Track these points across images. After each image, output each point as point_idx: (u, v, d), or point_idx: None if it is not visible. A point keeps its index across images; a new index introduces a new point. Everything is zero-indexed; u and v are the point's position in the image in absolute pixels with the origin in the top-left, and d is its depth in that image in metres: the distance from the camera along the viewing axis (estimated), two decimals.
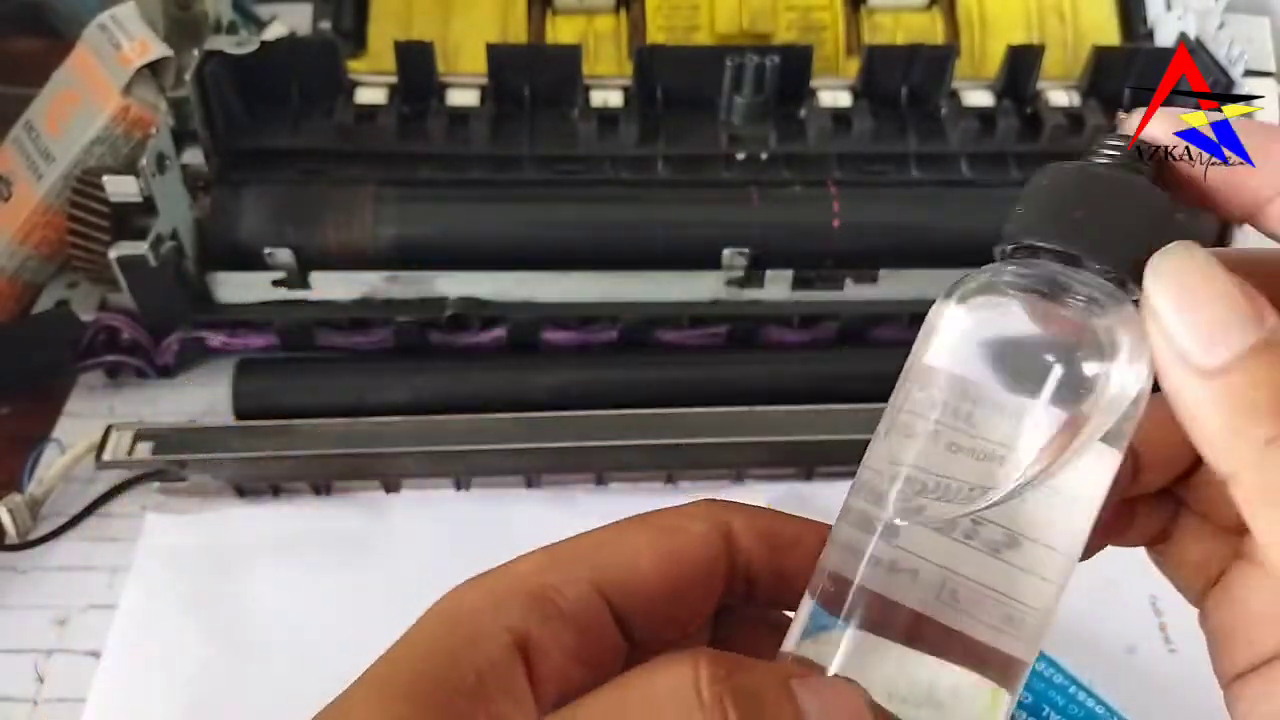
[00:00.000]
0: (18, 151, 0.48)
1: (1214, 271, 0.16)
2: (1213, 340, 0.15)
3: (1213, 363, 0.15)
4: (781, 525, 0.19)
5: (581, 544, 0.18)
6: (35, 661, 0.37)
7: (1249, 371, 0.15)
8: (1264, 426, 0.15)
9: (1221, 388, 0.15)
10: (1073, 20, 0.55)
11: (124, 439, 0.40)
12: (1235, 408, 0.15)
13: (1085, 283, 0.17)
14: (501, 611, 0.17)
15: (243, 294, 0.44)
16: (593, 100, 0.48)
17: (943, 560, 0.16)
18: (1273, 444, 0.15)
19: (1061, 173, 0.17)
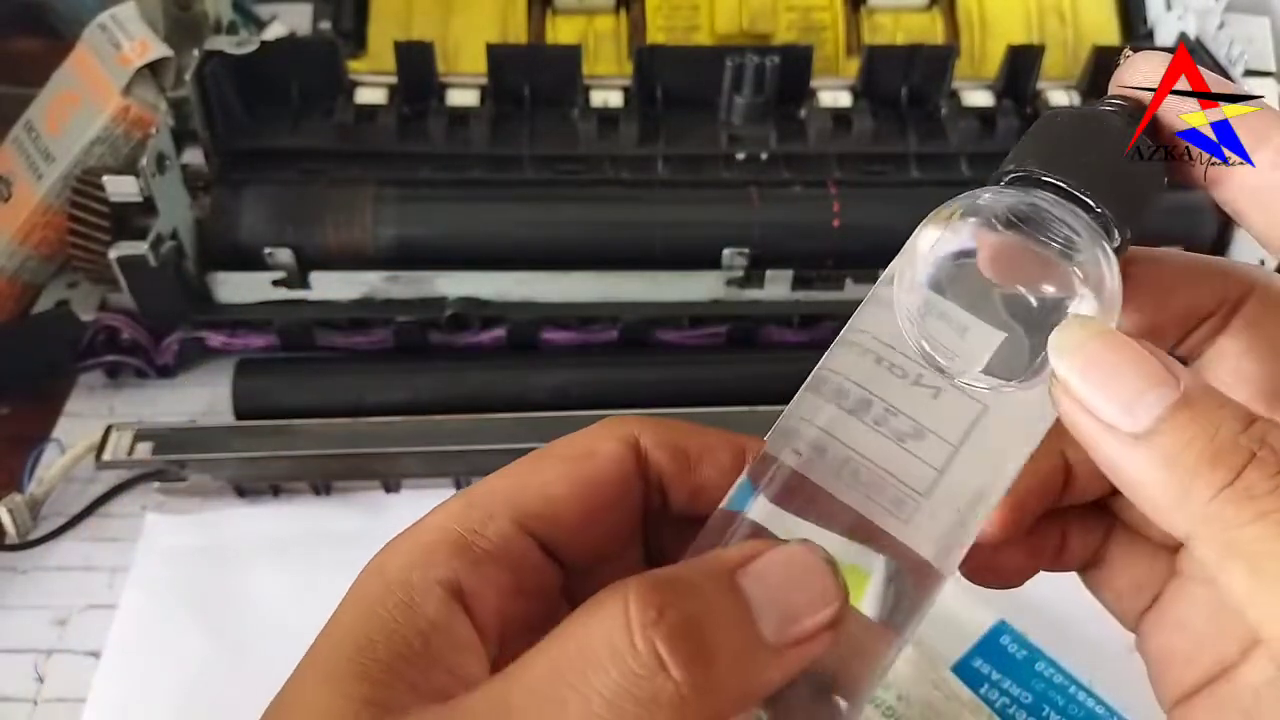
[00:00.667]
0: (18, 151, 0.48)
1: (1116, 339, 0.16)
2: (1133, 407, 0.15)
3: (1139, 428, 0.15)
4: (688, 437, 0.19)
5: (495, 484, 0.18)
6: (35, 661, 0.37)
7: (1177, 430, 0.15)
8: (1205, 482, 0.15)
9: (1153, 452, 0.15)
10: (1072, 20, 0.55)
11: (124, 439, 0.40)
12: (1172, 470, 0.15)
13: (1066, 216, 0.17)
14: (429, 567, 0.17)
15: (243, 294, 0.44)
16: (593, 100, 0.48)
17: (851, 441, 0.17)
18: (1218, 497, 0.15)
19: (1064, 114, 0.18)
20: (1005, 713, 0.35)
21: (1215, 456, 0.15)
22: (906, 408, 0.17)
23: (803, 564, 0.16)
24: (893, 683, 0.34)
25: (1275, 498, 0.14)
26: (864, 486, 0.17)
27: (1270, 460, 0.14)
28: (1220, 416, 0.15)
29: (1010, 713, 0.35)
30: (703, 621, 0.14)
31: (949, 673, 0.35)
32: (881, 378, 0.17)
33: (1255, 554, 0.14)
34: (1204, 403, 0.15)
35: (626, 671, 0.14)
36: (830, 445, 0.17)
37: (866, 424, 0.17)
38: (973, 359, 0.17)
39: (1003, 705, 0.35)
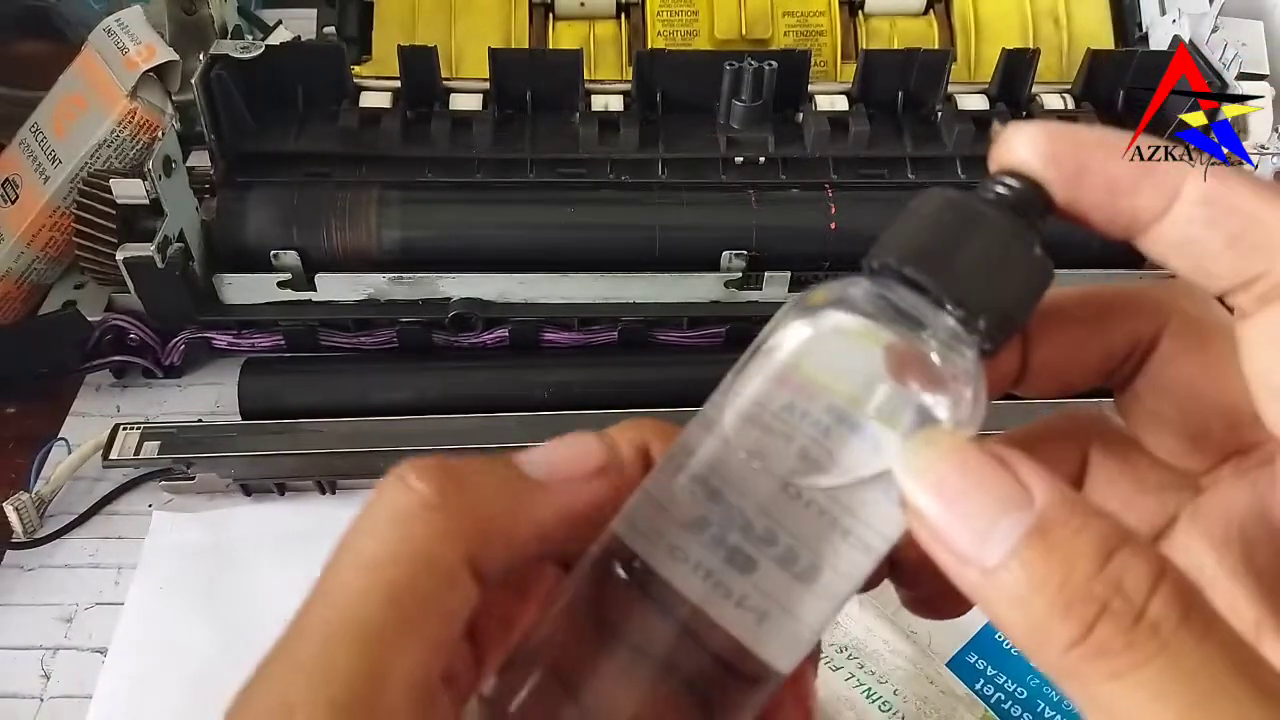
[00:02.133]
0: (25, 154, 0.48)
1: (967, 458, 0.14)
2: (986, 537, 0.14)
3: (990, 561, 0.14)
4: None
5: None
6: (42, 658, 0.37)
7: (1026, 569, 0.13)
8: (1057, 634, 0.13)
9: (1004, 593, 0.14)
10: (1067, 25, 0.56)
11: (131, 438, 0.40)
12: (1024, 613, 0.14)
13: (928, 317, 0.16)
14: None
15: (248, 295, 0.44)
16: (593, 104, 0.48)
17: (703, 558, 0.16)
18: (1071, 652, 0.13)
19: (942, 202, 0.16)
20: (1000, 707, 0.35)
21: (1066, 607, 0.13)
22: (769, 511, 0.16)
23: (570, 438, 0.17)
24: (889, 677, 0.35)
25: (1130, 654, 0.13)
26: (716, 586, 0.16)
27: (1124, 612, 0.13)
28: (1075, 549, 0.13)
29: (1005, 707, 0.35)
30: (459, 465, 0.16)
31: (944, 668, 0.36)
32: (744, 475, 0.16)
33: (1114, 713, 0.13)
34: (1058, 531, 0.14)
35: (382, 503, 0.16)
36: (685, 544, 0.16)
37: (726, 527, 0.16)
38: (832, 461, 0.16)
39: (998, 700, 0.35)
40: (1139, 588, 0.13)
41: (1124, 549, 0.13)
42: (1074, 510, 0.14)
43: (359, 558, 0.16)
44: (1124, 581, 0.13)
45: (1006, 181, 0.16)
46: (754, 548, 0.16)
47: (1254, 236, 0.15)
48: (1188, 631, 0.13)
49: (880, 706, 0.34)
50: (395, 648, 0.15)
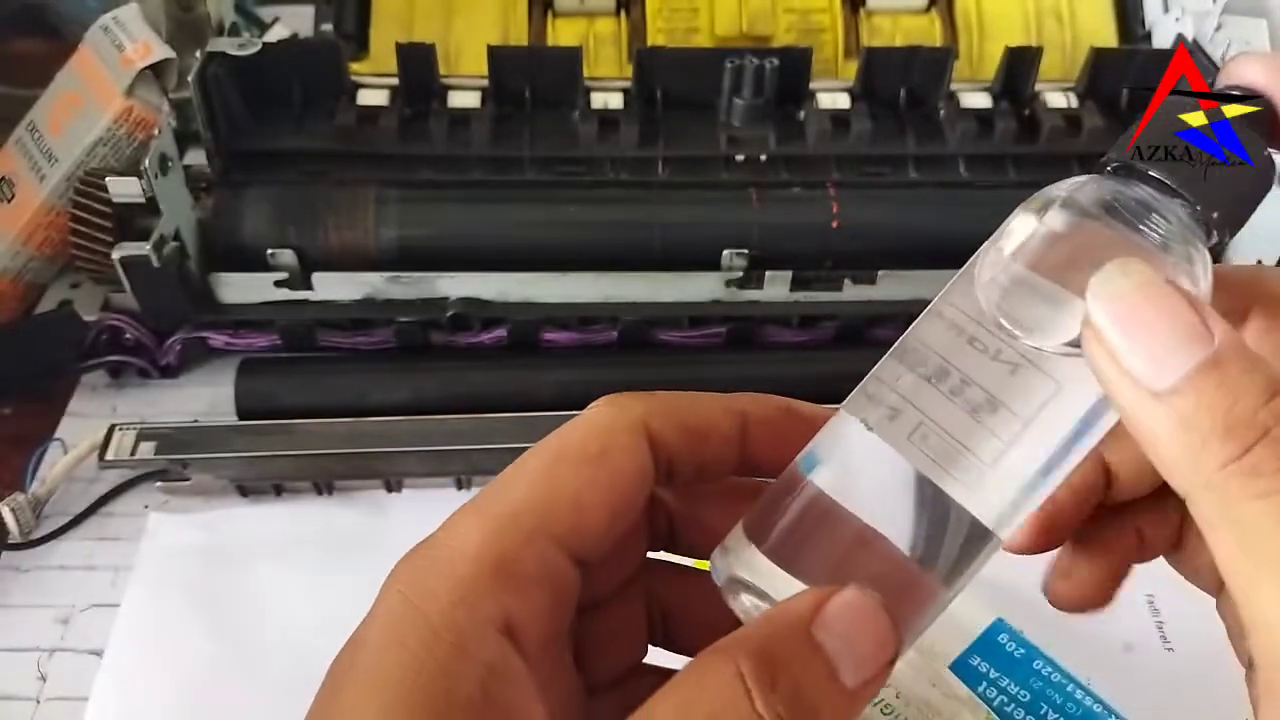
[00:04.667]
0: (20, 153, 0.48)
1: (1157, 288, 0.15)
2: (1159, 361, 0.15)
3: (1161, 385, 0.15)
4: (692, 413, 0.20)
5: (521, 497, 0.17)
6: (38, 660, 0.37)
7: (1198, 393, 0.15)
8: (1214, 452, 0.15)
9: (1171, 411, 0.15)
10: (1070, 22, 0.56)
11: (127, 438, 0.40)
12: (1185, 433, 0.15)
13: (1164, 211, 0.17)
14: (475, 605, 0.16)
15: (245, 294, 0.44)
16: (593, 102, 0.48)
17: (925, 407, 0.18)
18: (1224, 469, 0.14)
19: (1179, 105, 0.18)
20: (1003, 711, 0.35)
21: (1229, 428, 0.14)
22: (982, 380, 0.17)
23: (862, 611, 0.17)
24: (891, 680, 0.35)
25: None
26: (932, 451, 0.17)
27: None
28: (1244, 385, 0.15)
29: (1008, 711, 0.35)
30: (806, 685, 0.16)
31: (947, 670, 0.35)
32: (961, 350, 0.17)
33: (1248, 531, 0.14)
34: (1232, 368, 0.15)
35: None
36: (905, 410, 0.18)
37: (942, 392, 0.17)
38: (1053, 330, 0.17)
39: (1000, 703, 0.35)
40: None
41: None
42: (1248, 353, 0.15)
43: None
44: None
45: (1239, 94, 0.18)
46: (971, 415, 0.17)
47: None
48: None
49: (882, 710, 0.34)
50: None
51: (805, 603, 0.17)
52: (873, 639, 0.17)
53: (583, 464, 0.18)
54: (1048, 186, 0.18)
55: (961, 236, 0.19)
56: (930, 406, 0.17)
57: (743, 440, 0.20)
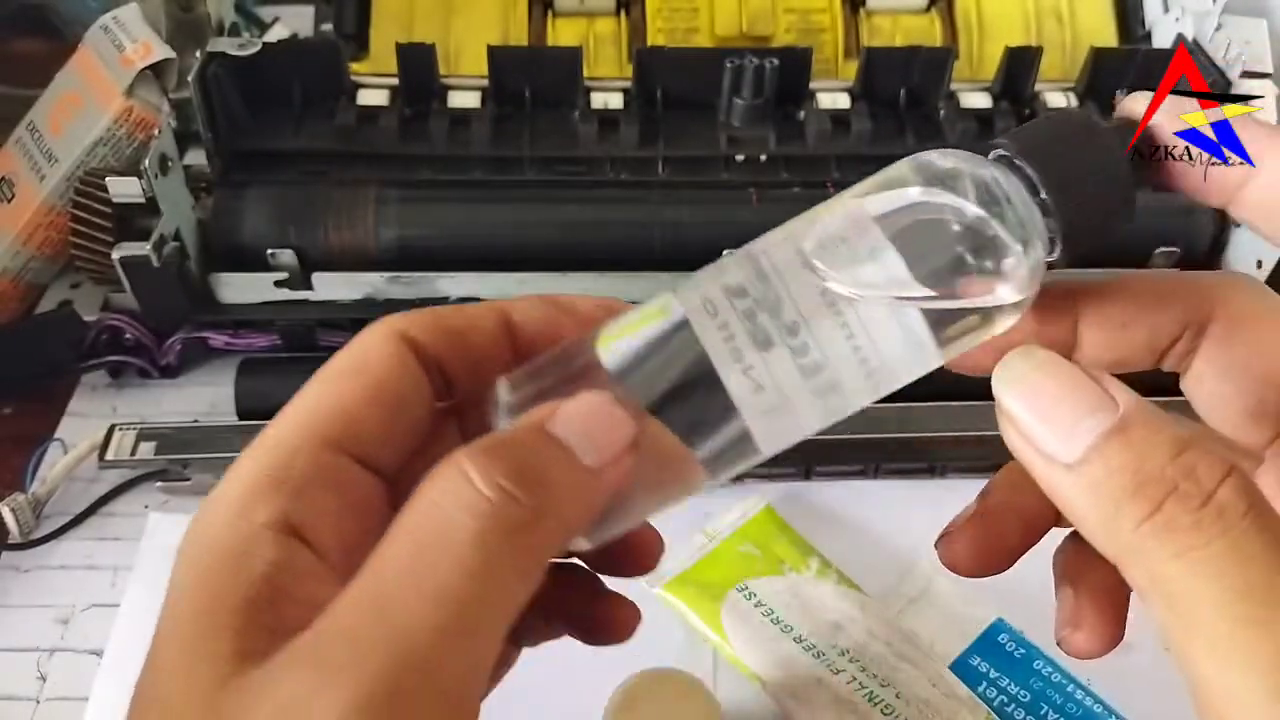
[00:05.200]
0: (20, 153, 0.48)
1: (1057, 367, 0.16)
2: (1068, 435, 0.16)
3: (1071, 457, 0.15)
4: (452, 316, 0.20)
5: (288, 416, 0.18)
6: (38, 660, 0.37)
7: (1105, 460, 0.15)
8: (1128, 514, 0.15)
9: (1083, 480, 0.15)
10: (1070, 22, 0.55)
11: (127, 439, 0.40)
12: (1100, 498, 0.15)
13: (1022, 214, 0.17)
14: (251, 514, 0.16)
15: (245, 294, 0.44)
16: (593, 102, 0.48)
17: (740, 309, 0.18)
18: (1139, 530, 0.15)
19: (1078, 118, 0.18)
20: (1003, 711, 0.35)
21: (1139, 488, 0.15)
22: (801, 307, 0.18)
23: (595, 403, 0.17)
24: (891, 681, 0.35)
25: (1195, 533, 0.14)
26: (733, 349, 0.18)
27: (1192, 493, 0.14)
28: (1150, 444, 0.15)
29: (1008, 711, 0.35)
30: (533, 460, 0.16)
31: (947, 670, 0.35)
32: (795, 273, 0.18)
33: (1173, 593, 0.15)
34: (1137, 430, 0.15)
35: (483, 514, 0.15)
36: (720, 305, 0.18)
37: (760, 301, 0.18)
38: (868, 281, 0.18)
39: (1000, 703, 0.35)
40: (1209, 475, 0.15)
41: (1196, 447, 0.15)
42: (1153, 414, 0.15)
43: None
44: (1196, 469, 0.15)
45: (1128, 119, 0.18)
46: (776, 331, 0.18)
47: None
48: (1252, 520, 0.14)
49: (883, 710, 0.34)
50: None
51: (541, 410, 0.17)
52: (607, 425, 0.17)
53: (342, 378, 0.18)
54: (932, 152, 0.18)
55: None
56: (745, 310, 0.18)
57: (511, 338, 0.20)
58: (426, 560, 0.15)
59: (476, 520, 0.15)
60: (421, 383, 0.19)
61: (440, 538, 0.15)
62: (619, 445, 0.17)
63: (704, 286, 0.18)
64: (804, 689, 0.34)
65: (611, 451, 0.17)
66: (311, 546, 0.17)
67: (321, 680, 0.14)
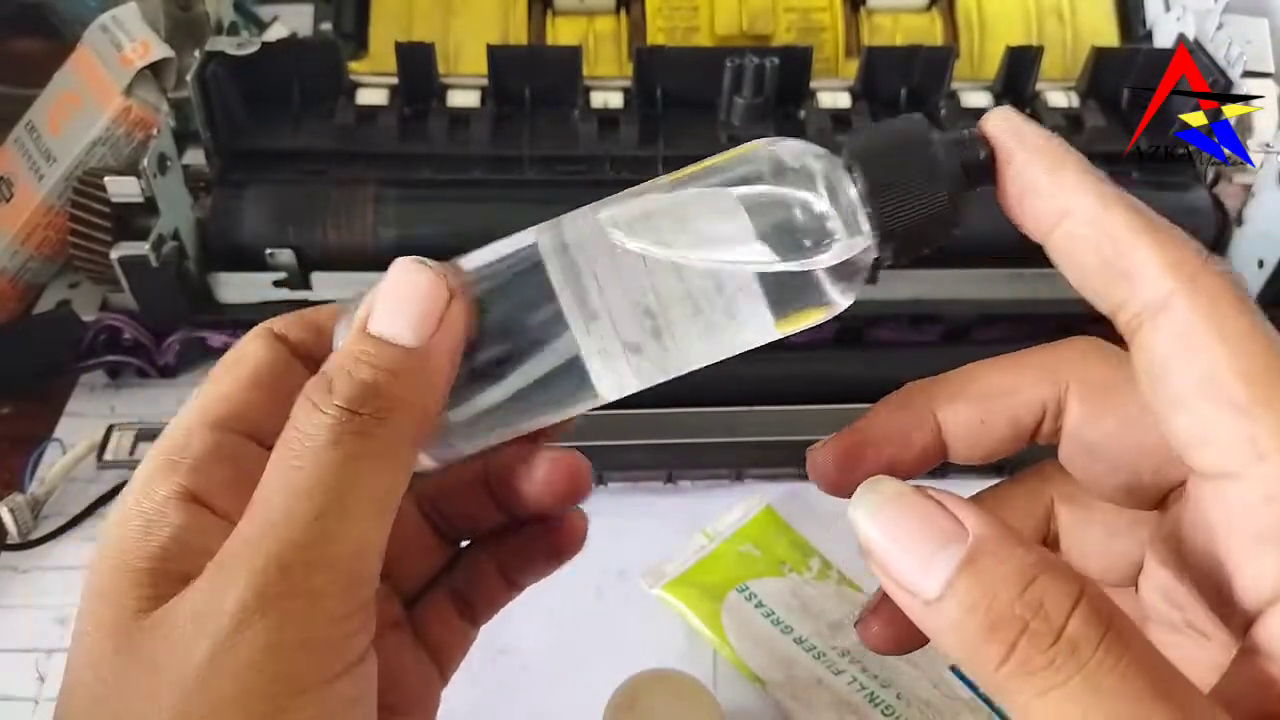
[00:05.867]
0: (19, 152, 0.48)
1: (907, 499, 0.16)
2: (924, 570, 0.15)
3: (929, 594, 0.15)
4: (318, 313, 0.21)
5: (181, 413, 0.19)
6: (36, 660, 0.37)
7: (958, 598, 0.15)
8: (986, 657, 0.14)
9: (942, 619, 0.15)
10: (1071, 21, 0.55)
11: (125, 439, 0.40)
12: (960, 638, 0.15)
13: (844, 199, 0.18)
14: (154, 493, 0.18)
15: (244, 294, 0.44)
16: (593, 101, 0.48)
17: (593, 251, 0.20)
18: (999, 673, 0.14)
19: (911, 124, 0.19)
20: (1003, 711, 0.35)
21: (991, 629, 0.14)
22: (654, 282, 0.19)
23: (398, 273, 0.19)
24: (892, 682, 0.35)
25: (1050, 673, 0.14)
26: (579, 292, 0.19)
27: (1043, 631, 0.14)
28: (998, 577, 0.15)
29: None
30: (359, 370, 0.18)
31: (948, 671, 0.35)
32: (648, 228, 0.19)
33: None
34: (986, 561, 0.15)
35: (332, 428, 0.17)
36: (579, 257, 0.20)
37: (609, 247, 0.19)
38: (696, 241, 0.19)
39: None
40: (1058, 608, 0.14)
41: (1045, 575, 0.15)
42: (1001, 541, 0.15)
43: None
44: (1044, 603, 0.14)
45: (972, 140, 0.18)
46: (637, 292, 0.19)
47: (1120, 264, 0.16)
48: (1106, 651, 0.14)
49: (884, 711, 0.34)
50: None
51: (360, 310, 0.18)
52: (416, 291, 0.18)
53: (224, 370, 0.20)
54: (787, 141, 0.19)
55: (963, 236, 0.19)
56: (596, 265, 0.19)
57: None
58: (294, 471, 0.17)
59: (330, 431, 0.17)
60: (294, 366, 0.20)
61: (303, 453, 0.17)
62: (434, 307, 0.18)
63: (564, 232, 0.20)
64: (804, 689, 0.34)
65: (430, 317, 0.18)
66: (214, 511, 0.18)
67: (222, 583, 0.16)
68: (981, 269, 0.45)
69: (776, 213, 0.18)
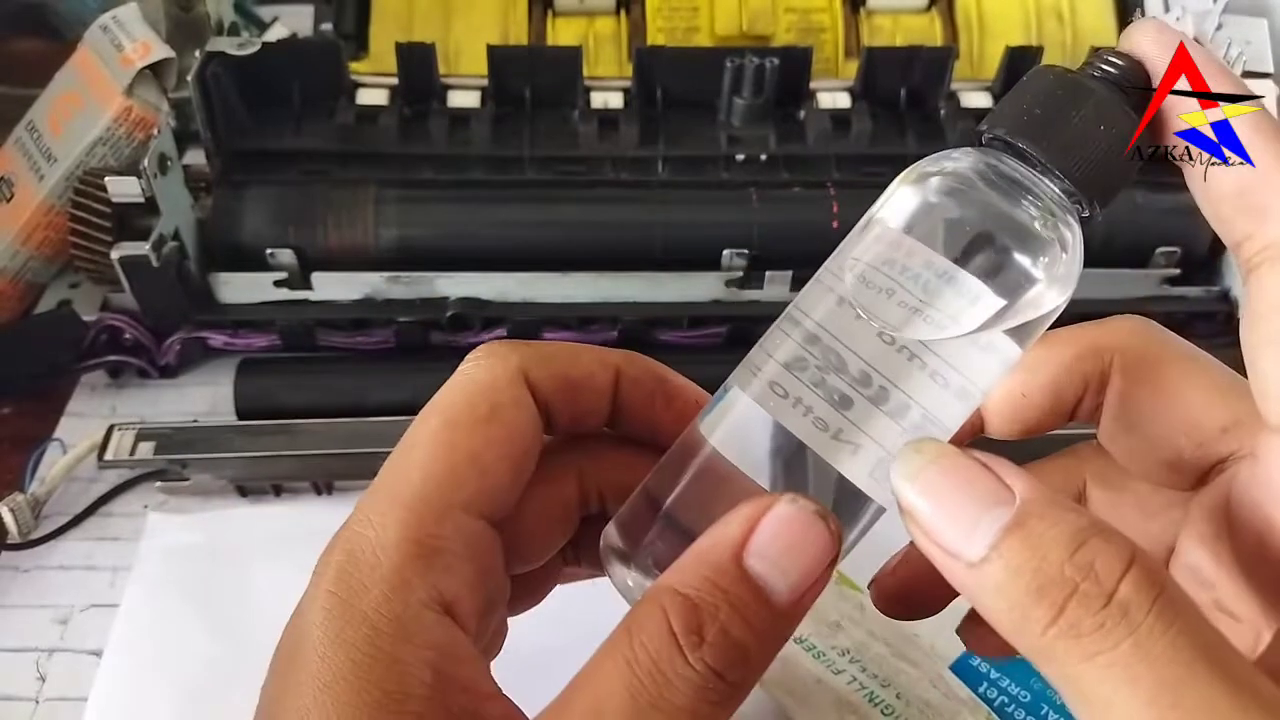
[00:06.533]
0: (20, 152, 0.48)
1: (953, 461, 0.16)
2: (968, 533, 0.15)
3: (973, 556, 0.15)
4: (571, 365, 0.20)
5: (424, 472, 0.18)
6: (37, 660, 0.37)
7: (1005, 560, 0.14)
8: (1033, 619, 0.14)
9: (987, 580, 0.15)
10: (1071, 21, 0.55)
11: (126, 439, 0.40)
12: (1005, 600, 0.14)
13: (1039, 190, 0.17)
14: (409, 591, 0.16)
15: (245, 294, 0.44)
16: (593, 101, 0.48)
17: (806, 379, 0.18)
18: (1046, 636, 0.14)
19: (1052, 76, 0.18)
20: (1004, 711, 0.35)
21: (1040, 591, 0.14)
22: (865, 355, 0.17)
23: (799, 524, 0.16)
24: (892, 681, 0.35)
25: (1100, 637, 0.14)
26: (817, 421, 0.17)
27: (1093, 594, 0.14)
28: (1049, 540, 0.14)
29: (1009, 711, 0.35)
30: (734, 626, 0.16)
31: (947, 671, 0.35)
32: (847, 324, 0.18)
33: (1086, 697, 0.14)
34: (1035, 524, 0.15)
35: (691, 688, 0.15)
36: (788, 383, 0.18)
37: (823, 365, 0.18)
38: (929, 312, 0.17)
39: (1001, 703, 0.35)
40: (1109, 571, 0.14)
41: (1096, 538, 0.14)
42: (1050, 504, 0.15)
43: None
44: (1095, 565, 0.14)
45: (1111, 60, 0.18)
46: (849, 387, 0.17)
47: (1256, 197, 0.16)
48: (1157, 617, 0.14)
49: (883, 710, 0.34)
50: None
51: (735, 529, 0.17)
52: (807, 553, 0.16)
53: (475, 426, 0.18)
54: (925, 159, 0.19)
55: None
56: (812, 379, 0.18)
57: (615, 395, 0.20)
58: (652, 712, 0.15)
59: (693, 692, 0.15)
60: (539, 428, 0.19)
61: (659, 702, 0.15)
62: (819, 569, 0.17)
63: (763, 370, 0.18)
64: (804, 689, 0.34)
65: (810, 579, 0.17)
66: (461, 624, 0.17)
67: None
68: None
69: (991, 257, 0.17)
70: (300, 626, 0.17)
